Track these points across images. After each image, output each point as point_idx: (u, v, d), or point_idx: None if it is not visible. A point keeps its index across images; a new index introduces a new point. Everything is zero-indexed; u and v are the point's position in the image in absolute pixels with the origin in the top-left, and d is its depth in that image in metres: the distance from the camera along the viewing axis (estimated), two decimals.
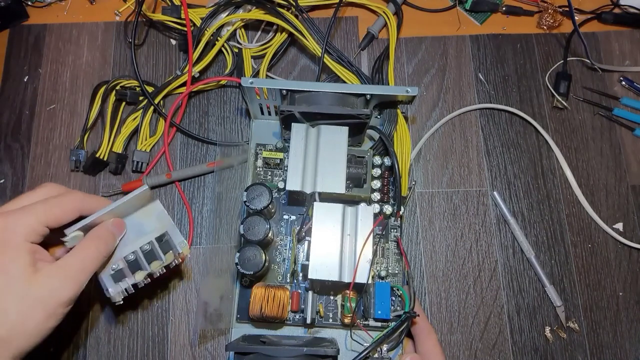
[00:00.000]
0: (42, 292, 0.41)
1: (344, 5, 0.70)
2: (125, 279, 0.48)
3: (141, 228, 0.50)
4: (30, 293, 0.40)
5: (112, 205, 0.47)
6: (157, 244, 0.50)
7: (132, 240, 0.50)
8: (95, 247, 0.45)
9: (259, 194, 0.51)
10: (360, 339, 0.53)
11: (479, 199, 0.63)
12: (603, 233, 0.62)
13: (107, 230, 0.47)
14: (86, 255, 0.44)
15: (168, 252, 0.50)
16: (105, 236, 0.47)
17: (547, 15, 0.69)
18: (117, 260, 0.49)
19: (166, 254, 0.50)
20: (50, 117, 0.65)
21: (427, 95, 0.67)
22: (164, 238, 0.50)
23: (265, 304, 0.50)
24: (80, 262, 0.44)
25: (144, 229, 0.50)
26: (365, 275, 0.48)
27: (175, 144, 0.64)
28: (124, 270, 0.49)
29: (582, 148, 0.65)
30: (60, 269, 0.42)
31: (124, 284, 0.48)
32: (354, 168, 0.53)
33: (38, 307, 0.40)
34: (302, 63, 0.68)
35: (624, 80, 0.68)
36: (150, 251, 0.50)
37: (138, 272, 0.49)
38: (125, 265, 0.49)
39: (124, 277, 0.48)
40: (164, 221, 0.51)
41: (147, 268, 0.49)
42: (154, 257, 0.50)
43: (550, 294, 0.59)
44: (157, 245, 0.50)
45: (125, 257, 0.49)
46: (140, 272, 0.49)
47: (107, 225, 0.47)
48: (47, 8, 0.69)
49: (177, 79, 0.64)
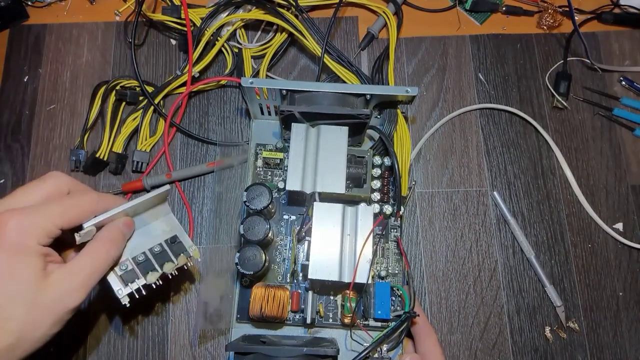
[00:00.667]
0: (52, 299, 0.40)
1: (344, 5, 0.70)
2: (135, 280, 0.47)
3: (148, 229, 0.49)
4: (40, 300, 0.39)
5: (128, 204, 0.46)
6: (168, 246, 0.49)
7: (139, 242, 0.49)
8: (106, 250, 0.44)
9: (259, 194, 0.51)
10: (360, 339, 0.53)
11: (479, 199, 0.63)
12: (603, 233, 0.62)
13: (118, 231, 0.46)
14: (96, 258, 0.43)
15: (179, 254, 0.50)
16: (117, 238, 0.46)
17: (547, 15, 0.69)
18: (125, 261, 0.47)
19: (178, 257, 0.49)
20: (50, 117, 0.65)
21: (427, 95, 0.67)
22: (177, 240, 0.50)
23: (265, 304, 0.50)
24: (90, 266, 0.43)
25: (151, 231, 0.49)
26: (365, 275, 0.48)
27: (176, 144, 0.64)
28: (134, 271, 0.47)
29: (582, 148, 0.65)
30: (70, 274, 0.41)
31: (134, 285, 0.47)
32: (354, 168, 0.53)
33: (47, 314, 0.40)
34: (302, 63, 0.68)
35: (624, 80, 0.68)
36: (161, 253, 0.49)
37: (150, 273, 0.48)
38: (134, 266, 0.47)
39: (134, 278, 0.47)
40: (171, 224, 0.50)
41: (159, 269, 0.48)
42: (165, 259, 0.49)
43: (550, 294, 0.59)
44: (168, 248, 0.49)
45: (134, 258, 0.48)
46: (152, 273, 0.48)
47: (118, 225, 0.46)
48: (47, 8, 0.69)
49: (177, 79, 0.64)
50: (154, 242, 0.49)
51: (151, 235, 0.49)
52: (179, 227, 0.51)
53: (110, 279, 0.47)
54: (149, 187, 0.61)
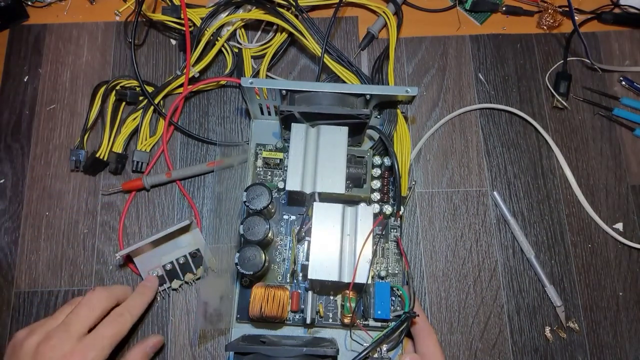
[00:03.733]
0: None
1: (344, 5, 0.70)
2: (164, 284, 0.57)
3: (177, 241, 0.58)
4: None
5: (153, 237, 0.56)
6: (191, 259, 0.58)
7: (169, 251, 0.58)
8: (130, 321, 0.51)
9: (258, 194, 0.51)
10: (360, 339, 0.53)
11: (479, 199, 0.63)
12: (603, 233, 0.62)
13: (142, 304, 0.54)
14: (120, 329, 0.49)
15: (199, 266, 0.58)
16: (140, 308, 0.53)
17: (547, 15, 0.69)
18: (157, 267, 0.57)
19: (197, 269, 0.58)
20: (50, 117, 0.65)
21: (427, 95, 0.67)
22: (198, 254, 0.58)
23: (265, 304, 0.50)
24: (112, 336, 0.48)
25: (179, 242, 0.58)
26: (365, 275, 0.48)
27: (175, 144, 0.64)
28: (164, 277, 0.58)
29: (582, 148, 0.65)
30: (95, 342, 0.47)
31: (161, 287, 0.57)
32: (354, 168, 0.53)
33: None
34: (302, 63, 0.68)
35: (624, 80, 0.68)
36: (184, 264, 0.58)
37: (175, 280, 0.57)
38: (163, 272, 0.57)
39: (162, 282, 0.57)
40: (197, 238, 0.59)
41: (182, 278, 0.58)
42: (187, 270, 0.58)
43: (550, 294, 0.59)
44: (191, 260, 0.58)
45: (164, 265, 0.58)
46: (176, 280, 0.57)
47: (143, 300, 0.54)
48: (47, 8, 0.69)
49: (177, 79, 0.64)
50: (180, 254, 0.58)
51: (178, 246, 0.58)
52: (203, 243, 0.59)
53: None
54: (149, 186, 0.61)
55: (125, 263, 0.59)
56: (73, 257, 0.60)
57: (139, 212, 0.61)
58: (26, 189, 0.62)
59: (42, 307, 0.58)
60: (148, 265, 0.58)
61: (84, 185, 0.62)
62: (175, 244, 0.58)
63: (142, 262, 0.58)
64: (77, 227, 0.61)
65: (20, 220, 0.61)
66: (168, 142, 0.63)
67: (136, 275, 0.59)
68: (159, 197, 0.62)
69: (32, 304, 0.58)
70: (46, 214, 0.61)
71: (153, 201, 0.62)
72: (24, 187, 0.62)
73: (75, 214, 0.61)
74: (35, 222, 0.61)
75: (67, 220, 0.61)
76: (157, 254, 0.58)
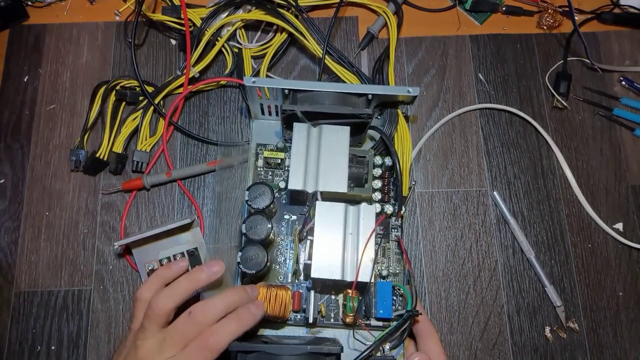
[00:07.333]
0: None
1: (344, 5, 0.70)
2: None
3: (177, 238, 0.58)
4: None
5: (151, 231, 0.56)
6: (188, 257, 0.58)
7: (167, 246, 0.58)
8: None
9: (260, 193, 0.51)
10: (362, 339, 0.53)
11: (479, 199, 0.63)
12: (603, 233, 0.62)
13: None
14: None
15: (195, 265, 0.57)
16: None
17: (547, 15, 0.69)
18: (153, 260, 0.57)
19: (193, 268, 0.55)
20: (50, 117, 0.65)
21: (427, 95, 0.67)
22: (196, 253, 0.58)
23: (267, 304, 0.49)
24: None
25: (178, 239, 0.58)
26: (368, 274, 0.48)
27: (175, 144, 0.64)
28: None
29: (582, 148, 0.65)
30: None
31: None
32: (356, 168, 0.53)
33: None
34: (302, 63, 0.68)
35: (624, 80, 0.68)
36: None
37: None
38: (159, 266, 0.57)
39: None
40: (196, 237, 0.58)
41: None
42: None
43: (550, 294, 0.59)
44: (188, 258, 0.57)
45: (161, 260, 0.57)
46: None
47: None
48: (47, 8, 0.69)
49: (177, 79, 0.64)
50: (178, 250, 0.58)
51: (177, 243, 0.58)
52: (202, 242, 0.58)
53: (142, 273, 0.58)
54: (149, 185, 0.61)
55: (123, 254, 0.59)
56: (73, 257, 0.60)
57: (139, 212, 0.61)
58: (26, 189, 0.62)
59: (42, 307, 0.58)
60: (146, 257, 0.58)
61: (84, 185, 0.62)
62: (174, 241, 0.58)
63: (140, 253, 0.58)
64: (77, 227, 0.61)
65: (20, 220, 0.61)
66: (168, 142, 0.63)
67: (135, 274, 0.59)
68: (159, 197, 0.62)
69: (32, 304, 0.58)
70: (46, 214, 0.61)
71: (153, 201, 0.62)
72: (24, 187, 0.62)
73: (75, 214, 0.61)
74: (35, 222, 0.61)
75: (67, 220, 0.61)
76: (156, 248, 0.58)
